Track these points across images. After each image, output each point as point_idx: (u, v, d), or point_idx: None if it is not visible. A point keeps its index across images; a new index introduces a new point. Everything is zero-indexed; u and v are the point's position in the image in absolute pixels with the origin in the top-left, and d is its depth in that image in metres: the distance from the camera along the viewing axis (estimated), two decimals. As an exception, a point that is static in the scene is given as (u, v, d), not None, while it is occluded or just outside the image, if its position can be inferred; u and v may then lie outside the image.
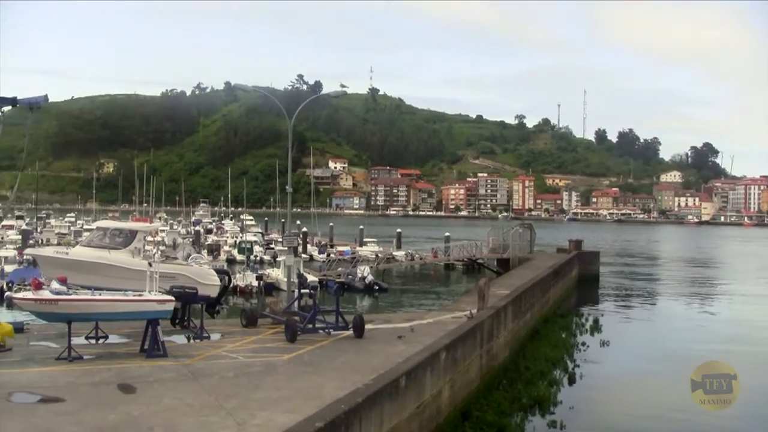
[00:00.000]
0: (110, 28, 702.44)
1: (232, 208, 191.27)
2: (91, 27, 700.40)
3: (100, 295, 26.98)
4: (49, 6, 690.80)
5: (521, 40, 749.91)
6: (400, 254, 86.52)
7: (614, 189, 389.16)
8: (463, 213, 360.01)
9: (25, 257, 66.38)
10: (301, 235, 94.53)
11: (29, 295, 26.20)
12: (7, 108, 33.70)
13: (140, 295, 26.91)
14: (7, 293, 46.74)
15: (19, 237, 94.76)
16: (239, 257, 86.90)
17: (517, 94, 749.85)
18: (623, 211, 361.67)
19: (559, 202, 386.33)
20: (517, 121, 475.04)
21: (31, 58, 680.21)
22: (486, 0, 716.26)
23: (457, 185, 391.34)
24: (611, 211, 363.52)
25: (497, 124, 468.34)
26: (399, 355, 25.39)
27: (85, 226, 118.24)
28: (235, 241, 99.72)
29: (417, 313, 45.77)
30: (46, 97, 34.33)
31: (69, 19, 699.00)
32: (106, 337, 29.82)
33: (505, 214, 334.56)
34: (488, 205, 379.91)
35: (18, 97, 33.32)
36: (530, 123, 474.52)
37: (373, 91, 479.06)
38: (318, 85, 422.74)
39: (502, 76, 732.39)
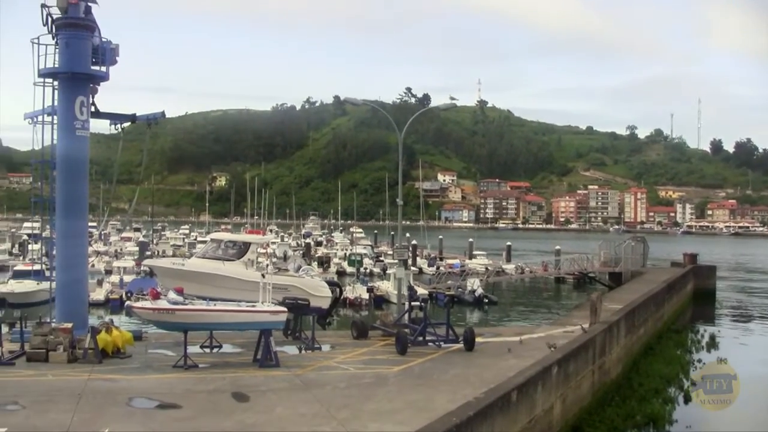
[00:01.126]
0: (223, 44, 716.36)
1: (342, 221, 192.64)
2: (204, 44, 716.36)
3: (214, 305, 27.58)
4: (164, 25, 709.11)
5: (633, 48, 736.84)
6: (509, 267, 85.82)
7: (731, 201, 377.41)
8: (574, 226, 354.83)
9: (142, 268, 68.28)
10: (410, 248, 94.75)
11: (148, 304, 26.95)
12: (126, 124, 34.95)
13: (253, 306, 27.39)
14: (127, 302, 48.10)
15: (137, 248, 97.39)
16: (349, 269, 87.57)
17: (629, 104, 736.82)
18: (741, 224, 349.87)
19: (672, 214, 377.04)
20: (628, 132, 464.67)
21: (147, 76, 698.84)
22: (597, 10, 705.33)
23: (567, 198, 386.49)
24: (728, 223, 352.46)
25: (608, 135, 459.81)
26: (510, 369, 25.24)
27: (198, 238, 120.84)
28: (345, 254, 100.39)
29: (527, 326, 45.45)
30: (162, 114, 35.48)
31: (182, 38, 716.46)
32: (220, 347, 30.48)
33: (617, 227, 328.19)
34: (599, 218, 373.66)
35: (137, 114, 34.52)
36: (642, 134, 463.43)
37: (482, 103, 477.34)
38: (426, 98, 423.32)
39: (613, 86, 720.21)
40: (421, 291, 52.74)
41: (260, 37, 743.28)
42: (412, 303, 34.72)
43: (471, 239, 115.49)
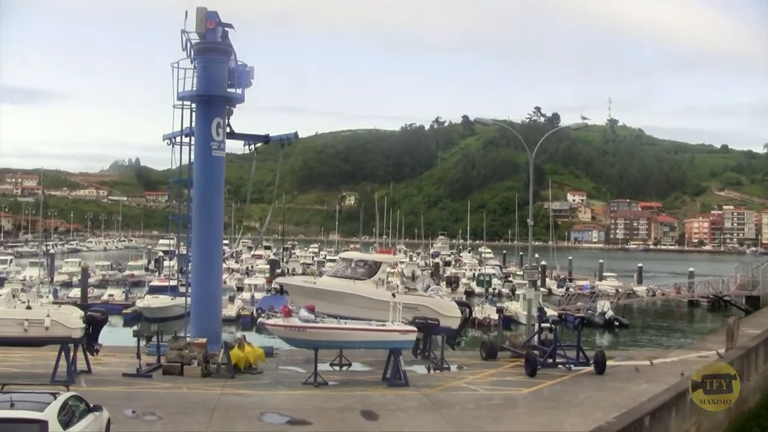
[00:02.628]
0: (352, 64, 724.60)
1: (471, 241, 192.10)
2: (334, 64, 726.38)
3: (345, 323, 27.88)
4: (296, 46, 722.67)
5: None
6: (641, 289, 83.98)
7: None
8: (707, 247, 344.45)
9: (273, 285, 69.44)
10: (539, 269, 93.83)
11: (280, 321, 27.44)
12: (259, 144, 35.74)
13: (384, 325, 27.57)
14: (260, 319, 49.19)
15: (268, 266, 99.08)
16: (478, 290, 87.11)
17: (766, 121, 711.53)
18: None
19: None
20: (766, 150, 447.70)
21: (278, 97, 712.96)
22: (733, 24, 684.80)
23: (700, 218, 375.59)
24: None
25: (744, 154, 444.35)
26: (642, 394, 24.70)
27: (327, 257, 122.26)
28: (474, 274, 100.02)
29: (659, 350, 44.46)
30: (295, 134, 36.19)
31: (314, 58, 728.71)
32: (350, 365, 30.78)
33: (754, 248, 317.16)
34: (734, 240, 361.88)
35: (270, 135, 35.28)
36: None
37: (612, 122, 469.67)
38: (556, 118, 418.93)
39: (749, 103, 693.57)
40: (551, 312, 52.10)
41: (389, 58, 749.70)
42: (542, 324, 34.32)
43: (601, 260, 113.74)
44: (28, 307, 27.80)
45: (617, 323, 65.01)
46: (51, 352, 27.22)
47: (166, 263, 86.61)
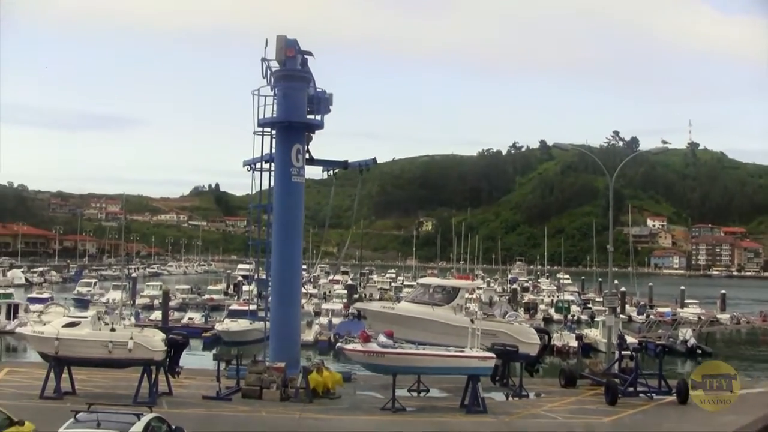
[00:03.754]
0: (430, 90, 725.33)
1: (548, 267, 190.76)
2: (412, 90, 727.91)
3: (423, 349, 27.86)
4: (373, 72, 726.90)
5: None
6: (724, 317, 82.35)
7: None
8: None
9: (350, 310, 69.72)
10: (619, 295, 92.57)
11: (359, 347, 27.54)
12: (338, 170, 36.08)
13: (462, 352, 27.48)
14: (338, 344, 49.38)
15: (345, 292, 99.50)
16: (556, 316, 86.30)
17: None
18: None
19: None
20: None
21: (356, 122, 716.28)
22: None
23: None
24: None
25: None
26: (727, 425, 24.17)
27: (405, 282, 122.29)
28: (552, 300, 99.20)
29: (745, 381, 43.42)
30: (374, 160, 36.48)
31: (391, 84, 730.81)
32: (428, 391, 30.72)
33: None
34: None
35: (348, 161, 35.60)
36: None
37: (693, 145, 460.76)
38: (634, 141, 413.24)
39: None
40: (631, 340, 51.40)
41: (466, 82, 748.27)
42: (623, 352, 33.82)
43: (682, 287, 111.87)
44: (113, 330, 28.46)
45: (700, 351, 63.82)
46: (132, 374, 27.72)
47: (245, 287, 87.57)
